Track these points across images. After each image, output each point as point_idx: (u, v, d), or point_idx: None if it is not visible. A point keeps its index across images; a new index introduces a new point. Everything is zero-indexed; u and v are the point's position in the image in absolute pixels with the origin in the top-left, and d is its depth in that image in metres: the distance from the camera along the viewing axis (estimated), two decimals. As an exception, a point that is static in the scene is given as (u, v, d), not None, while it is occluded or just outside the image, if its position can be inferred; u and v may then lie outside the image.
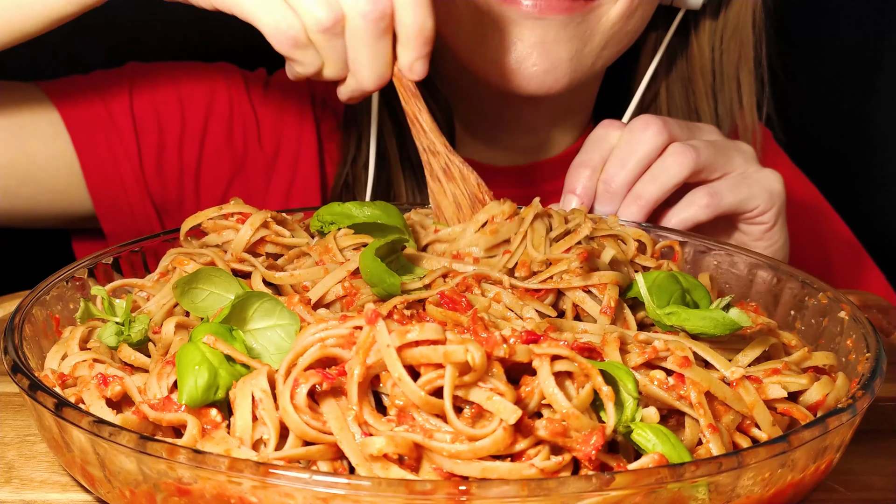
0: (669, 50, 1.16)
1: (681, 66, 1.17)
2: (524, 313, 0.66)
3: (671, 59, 1.17)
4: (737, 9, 1.14)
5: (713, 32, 1.15)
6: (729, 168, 0.98)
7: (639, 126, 0.96)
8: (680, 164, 0.95)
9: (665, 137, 0.96)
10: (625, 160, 0.95)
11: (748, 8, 1.14)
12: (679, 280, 0.68)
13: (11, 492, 0.61)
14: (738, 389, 0.60)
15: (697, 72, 1.16)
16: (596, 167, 0.97)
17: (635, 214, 0.95)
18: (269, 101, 1.17)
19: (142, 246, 0.81)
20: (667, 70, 1.18)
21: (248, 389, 0.56)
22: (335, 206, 0.77)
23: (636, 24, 1.08)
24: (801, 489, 0.58)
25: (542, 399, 0.55)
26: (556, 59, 1.03)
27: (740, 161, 0.99)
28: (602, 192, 0.96)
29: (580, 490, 0.49)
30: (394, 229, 0.76)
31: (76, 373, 0.64)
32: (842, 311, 0.72)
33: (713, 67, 1.15)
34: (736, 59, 1.15)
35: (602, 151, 0.97)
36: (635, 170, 0.95)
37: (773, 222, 0.99)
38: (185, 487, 0.52)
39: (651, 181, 0.95)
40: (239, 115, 1.15)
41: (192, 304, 0.67)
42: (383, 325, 0.55)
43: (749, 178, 0.98)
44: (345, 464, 0.55)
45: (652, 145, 0.95)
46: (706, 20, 1.15)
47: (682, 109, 1.17)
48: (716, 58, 1.15)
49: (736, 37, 1.14)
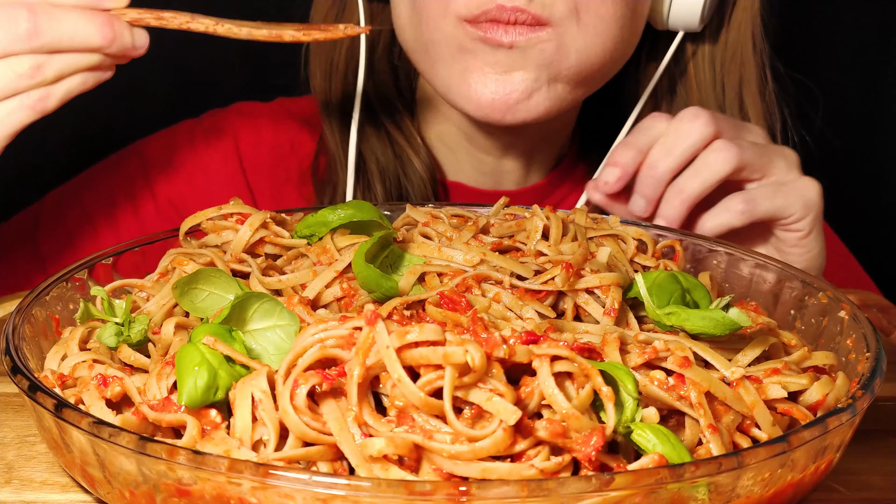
0: (668, 74, 1.14)
1: (681, 91, 1.15)
2: (524, 314, 0.66)
3: (671, 84, 1.16)
4: (735, 29, 1.12)
5: (713, 56, 1.13)
6: (770, 171, 0.99)
7: (688, 116, 0.97)
8: (723, 161, 0.96)
9: (712, 130, 0.96)
10: (671, 148, 0.96)
11: (747, 27, 1.12)
12: (679, 280, 0.68)
13: (11, 492, 0.61)
14: (738, 389, 0.60)
15: (695, 97, 1.14)
16: (641, 149, 0.98)
17: (677, 208, 0.96)
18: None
19: (142, 247, 0.81)
20: (665, 97, 1.16)
21: (247, 390, 0.56)
22: (308, 218, 0.77)
23: (612, 54, 1.06)
24: (801, 489, 0.58)
25: (541, 400, 0.55)
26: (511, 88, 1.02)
27: (782, 165, 0.99)
28: (645, 175, 0.97)
29: (580, 490, 0.49)
30: (372, 224, 0.76)
31: (76, 373, 0.64)
32: (842, 311, 0.72)
33: (715, 93, 1.14)
34: (737, 81, 1.13)
35: (648, 137, 0.98)
36: (680, 158, 0.96)
37: (809, 231, 1.00)
38: (185, 488, 0.52)
39: (694, 175, 0.96)
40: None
41: (192, 304, 0.67)
42: (383, 326, 0.55)
43: (787, 185, 0.99)
44: (345, 464, 0.55)
45: (699, 136, 0.96)
46: (704, 44, 1.14)
47: None
48: (717, 82, 1.14)
49: (735, 58, 1.13)
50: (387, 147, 1.15)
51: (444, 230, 0.78)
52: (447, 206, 0.86)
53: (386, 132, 1.15)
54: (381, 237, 0.70)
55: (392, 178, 1.15)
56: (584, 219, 0.81)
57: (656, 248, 0.81)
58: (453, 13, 1.00)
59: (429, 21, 1.02)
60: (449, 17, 1.01)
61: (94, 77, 0.89)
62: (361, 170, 1.14)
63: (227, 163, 1.19)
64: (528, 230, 0.76)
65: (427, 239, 0.77)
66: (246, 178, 1.19)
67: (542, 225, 0.76)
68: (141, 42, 0.89)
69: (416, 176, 1.15)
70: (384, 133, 1.15)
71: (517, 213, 0.83)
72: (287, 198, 1.19)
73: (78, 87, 0.89)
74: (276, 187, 1.19)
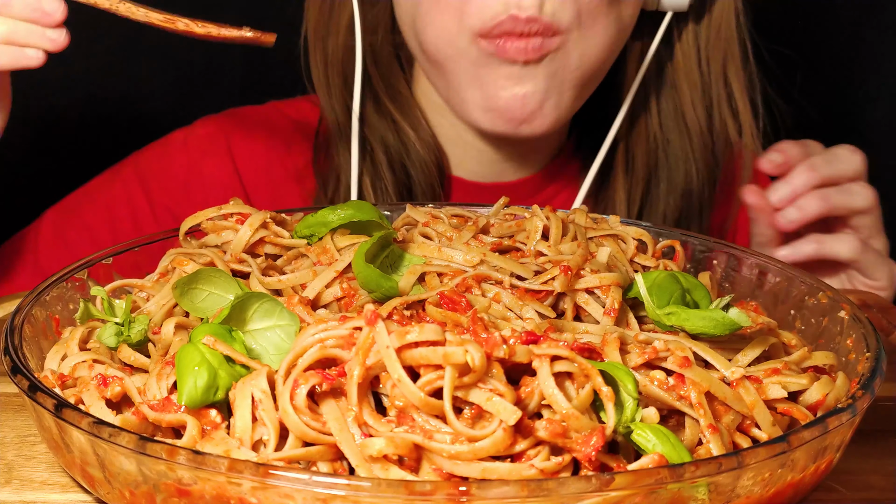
0: (655, 57, 1.16)
1: (668, 72, 1.17)
2: (524, 314, 0.66)
3: (658, 66, 1.17)
4: (720, 6, 1.14)
5: (697, 34, 1.15)
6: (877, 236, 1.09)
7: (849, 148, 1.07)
8: (864, 197, 1.05)
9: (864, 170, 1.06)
10: (832, 160, 1.05)
11: (731, 4, 1.14)
12: (679, 280, 0.68)
13: (11, 492, 0.61)
14: (738, 389, 0.60)
15: (683, 77, 1.16)
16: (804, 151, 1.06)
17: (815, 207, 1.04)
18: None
19: (142, 247, 0.81)
20: (654, 78, 1.17)
21: (247, 390, 0.56)
22: (308, 218, 0.77)
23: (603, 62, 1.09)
24: (801, 489, 0.58)
25: (541, 400, 0.55)
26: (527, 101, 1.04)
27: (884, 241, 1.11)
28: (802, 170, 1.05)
29: (580, 490, 0.49)
30: (372, 224, 0.76)
31: (76, 373, 0.64)
32: (842, 311, 0.72)
33: (700, 69, 1.16)
34: (722, 57, 1.15)
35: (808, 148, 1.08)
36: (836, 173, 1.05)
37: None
38: (185, 488, 0.52)
39: (839, 192, 1.05)
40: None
41: (192, 304, 0.67)
42: (383, 327, 0.54)
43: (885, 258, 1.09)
44: (345, 464, 0.55)
45: (855, 167, 1.06)
46: (690, 23, 1.15)
47: (670, 118, 1.17)
48: (702, 59, 1.16)
49: (720, 35, 1.14)
50: (391, 133, 1.15)
51: (444, 230, 0.78)
52: (447, 206, 0.86)
53: (391, 118, 1.16)
54: (381, 237, 0.70)
55: (398, 165, 1.15)
56: (584, 219, 0.81)
57: (656, 248, 0.81)
58: (468, 28, 1.01)
59: (442, 36, 1.03)
60: (464, 33, 1.02)
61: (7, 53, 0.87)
62: (370, 159, 1.14)
63: (222, 167, 1.19)
64: (527, 230, 0.76)
65: (427, 239, 0.77)
66: (241, 181, 1.19)
67: (541, 225, 0.76)
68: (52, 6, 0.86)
69: (419, 160, 1.15)
70: (388, 118, 1.16)
71: (517, 214, 0.83)
72: (285, 196, 1.19)
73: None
74: (274, 187, 1.19)
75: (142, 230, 1.14)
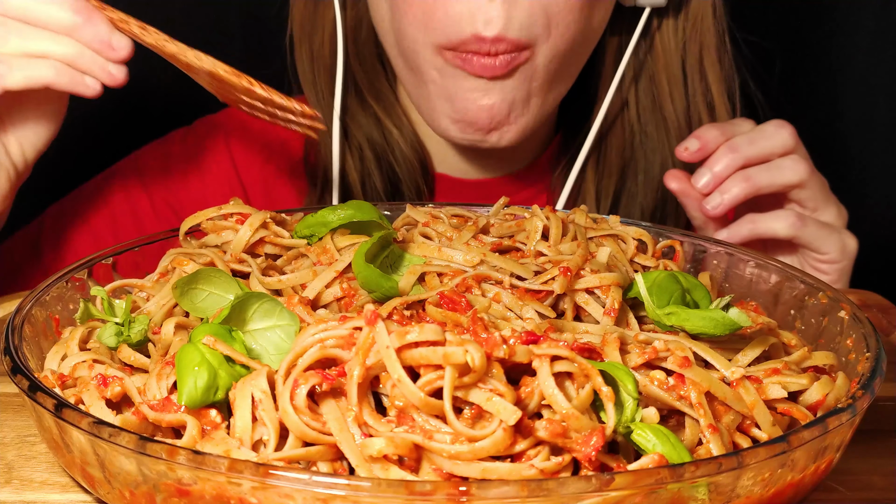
0: (635, 51, 1.16)
1: (648, 66, 1.17)
2: (524, 314, 0.66)
3: (637, 60, 1.17)
4: (697, 0, 1.14)
5: (675, 27, 1.15)
6: (823, 210, 1.04)
7: (775, 123, 1.03)
8: (794, 171, 1.01)
9: (792, 144, 1.02)
10: (754, 140, 1.01)
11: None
12: (679, 280, 0.68)
13: (11, 492, 0.61)
14: (738, 389, 0.60)
15: (661, 69, 1.15)
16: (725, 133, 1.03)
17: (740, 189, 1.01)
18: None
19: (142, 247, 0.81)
20: (633, 72, 1.17)
21: (247, 390, 0.56)
22: (308, 218, 0.77)
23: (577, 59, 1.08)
24: (801, 489, 0.58)
25: (541, 400, 0.55)
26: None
27: (834, 211, 1.05)
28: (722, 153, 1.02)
29: (580, 490, 0.49)
30: (372, 224, 0.76)
31: (76, 373, 0.64)
32: (842, 311, 0.72)
33: (681, 61, 1.16)
34: (698, 49, 1.15)
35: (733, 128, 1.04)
36: (759, 151, 1.01)
37: (836, 278, 1.04)
38: (185, 488, 0.52)
39: (765, 170, 1.01)
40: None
41: (192, 304, 0.67)
42: (383, 327, 0.54)
43: (833, 228, 1.04)
44: (345, 464, 0.55)
45: (781, 142, 1.01)
46: (668, 17, 1.15)
47: (648, 110, 1.17)
48: (679, 50, 1.15)
49: (697, 27, 1.14)
50: (376, 130, 1.16)
51: (444, 230, 0.78)
52: (447, 206, 0.86)
53: (375, 116, 1.16)
54: (381, 237, 0.70)
55: (385, 163, 1.15)
56: (583, 219, 0.81)
57: (656, 248, 0.81)
58: (432, 42, 1.00)
59: (410, 46, 1.03)
60: (428, 46, 1.01)
61: (67, 74, 0.87)
62: (358, 156, 1.14)
63: (220, 165, 1.19)
64: (527, 230, 0.76)
65: (427, 239, 0.77)
66: (241, 181, 1.19)
67: (541, 225, 0.76)
68: (121, 44, 0.87)
69: (403, 158, 1.16)
70: (373, 116, 1.16)
71: (517, 214, 0.83)
72: (280, 192, 1.19)
73: (46, 76, 0.87)
74: (269, 184, 1.20)
75: (143, 229, 1.14)
